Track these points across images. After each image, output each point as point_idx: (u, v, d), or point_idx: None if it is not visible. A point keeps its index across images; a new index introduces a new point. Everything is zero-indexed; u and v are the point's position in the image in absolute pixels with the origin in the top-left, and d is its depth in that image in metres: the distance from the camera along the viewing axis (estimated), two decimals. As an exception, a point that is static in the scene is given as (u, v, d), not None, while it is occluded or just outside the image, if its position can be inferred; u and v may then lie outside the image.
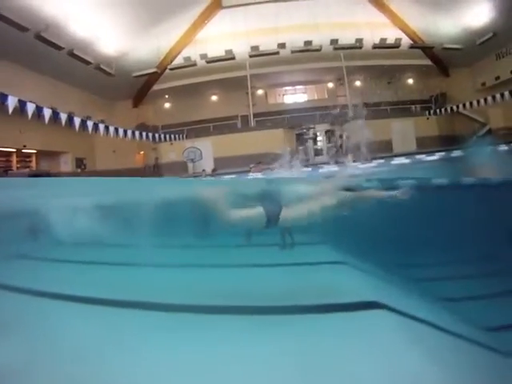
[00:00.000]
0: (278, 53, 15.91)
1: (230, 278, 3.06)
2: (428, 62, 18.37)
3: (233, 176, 11.24)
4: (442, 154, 11.83)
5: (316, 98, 19.16)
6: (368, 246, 3.94)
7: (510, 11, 14.72)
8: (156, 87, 17.62)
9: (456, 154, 11.05)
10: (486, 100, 14.77)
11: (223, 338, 1.97)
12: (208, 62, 15.75)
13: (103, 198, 3.77)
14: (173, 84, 17.21)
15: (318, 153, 16.47)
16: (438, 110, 17.64)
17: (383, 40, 16.53)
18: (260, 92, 18.88)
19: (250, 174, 10.97)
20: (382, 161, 7.15)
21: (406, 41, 17.07)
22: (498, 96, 14.10)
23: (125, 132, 13.59)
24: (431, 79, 19.04)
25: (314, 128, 16.19)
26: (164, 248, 3.58)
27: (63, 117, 10.81)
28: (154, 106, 18.19)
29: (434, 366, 1.72)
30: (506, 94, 13.76)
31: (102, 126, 12.63)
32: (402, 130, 17.04)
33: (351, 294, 2.46)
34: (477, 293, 3.27)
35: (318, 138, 16.84)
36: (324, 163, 15.23)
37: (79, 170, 16.13)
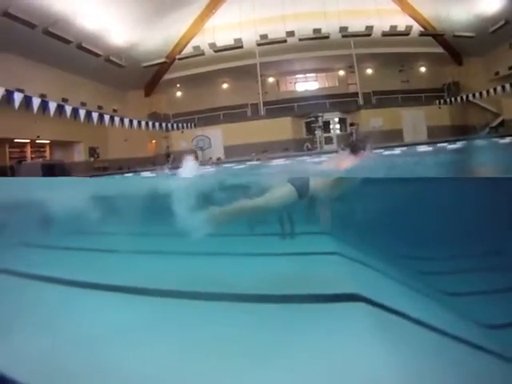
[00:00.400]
0: (285, 41, 15.90)
1: (218, 266, 3.07)
2: (440, 49, 18.04)
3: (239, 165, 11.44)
4: (444, 144, 11.79)
5: (327, 85, 19.06)
6: (367, 236, 3.96)
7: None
8: (167, 76, 17.84)
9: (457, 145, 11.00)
10: (495, 90, 14.53)
11: (201, 322, 2.01)
12: (216, 52, 15.86)
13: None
14: (184, 73, 17.40)
15: (328, 141, 16.48)
16: (450, 99, 17.41)
17: (393, 27, 16.29)
18: (271, 80, 18.89)
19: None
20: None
21: (416, 28, 16.80)
22: (507, 86, 13.82)
23: (138, 122, 13.96)
24: (444, 67, 18.73)
25: (322, 116, 16.17)
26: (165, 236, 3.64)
27: (70, 109, 10.98)
28: (166, 95, 18.44)
29: (399, 363, 1.60)
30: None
31: (115, 118, 12.98)
32: (413, 120, 16.88)
33: (333, 284, 2.39)
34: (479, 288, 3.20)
35: (330, 127, 16.83)
36: (333, 151, 15.39)
37: (92, 159, 16.54)
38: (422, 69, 19.27)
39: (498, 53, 17.83)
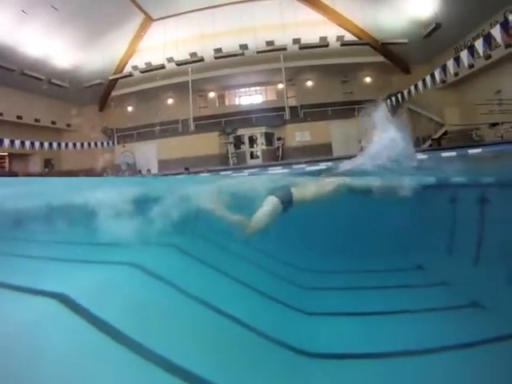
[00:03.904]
0: (218, 57, 16.44)
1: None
2: (383, 59, 17.34)
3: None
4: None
5: (267, 99, 19.19)
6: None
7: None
8: (118, 92, 19.17)
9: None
10: (416, 86, 13.71)
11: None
12: (150, 71, 16.85)
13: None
14: (130, 90, 18.65)
15: (253, 156, 16.74)
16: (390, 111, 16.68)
17: (323, 38, 16.04)
18: (212, 95, 19.48)
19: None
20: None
21: (349, 38, 16.37)
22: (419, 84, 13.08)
23: (81, 144, 15.90)
24: (391, 77, 17.91)
25: (235, 131, 16.52)
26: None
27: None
28: (117, 110, 19.84)
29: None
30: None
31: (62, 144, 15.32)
32: (344, 132, 16.46)
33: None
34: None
35: (256, 141, 17.04)
36: (258, 166, 15.69)
37: (47, 170, 18.47)
38: (368, 79, 18.56)
39: (443, 59, 16.69)
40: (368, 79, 18.55)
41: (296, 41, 16.00)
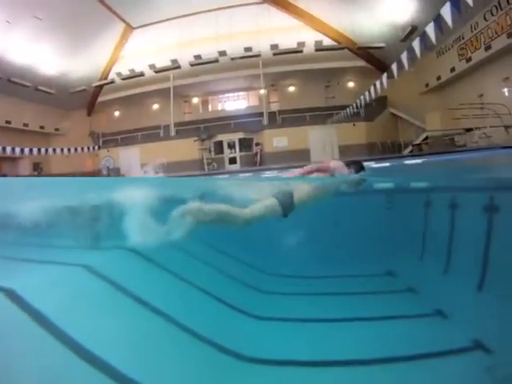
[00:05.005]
0: (194, 64, 16.63)
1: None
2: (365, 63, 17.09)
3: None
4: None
5: (250, 104, 19.19)
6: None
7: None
8: (104, 98, 19.63)
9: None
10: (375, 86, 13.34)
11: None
12: (131, 77, 17.20)
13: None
14: (115, 96, 19.08)
15: (232, 161, 16.75)
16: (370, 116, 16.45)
17: (301, 44, 15.96)
18: (195, 100, 19.65)
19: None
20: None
21: (328, 43, 16.21)
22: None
23: (68, 149, 16.44)
24: (374, 81, 17.55)
25: (225, 137, 16.62)
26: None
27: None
28: (104, 114, 20.29)
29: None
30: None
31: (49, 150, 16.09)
32: (322, 138, 16.27)
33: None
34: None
35: (235, 147, 17.05)
36: (237, 171, 15.69)
37: (36, 173, 19.07)
38: (351, 84, 18.30)
39: (426, 62, 16.30)
40: (351, 84, 18.28)
41: (274, 47, 15.98)
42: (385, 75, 9.60)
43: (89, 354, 1.79)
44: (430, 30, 7.55)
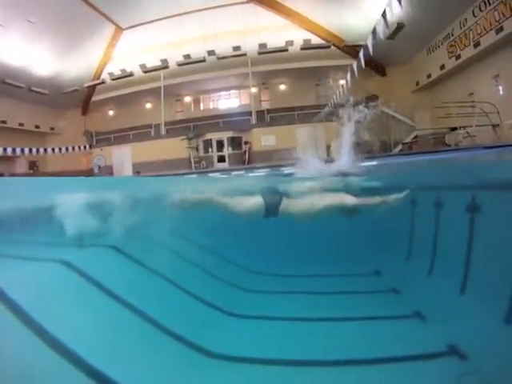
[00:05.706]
0: (182, 64, 16.72)
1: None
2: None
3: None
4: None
5: (241, 103, 19.19)
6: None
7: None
8: (97, 98, 19.89)
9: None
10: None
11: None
12: (121, 77, 17.39)
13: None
14: (108, 95, 19.31)
15: (220, 159, 16.81)
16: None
17: (289, 42, 15.87)
18: (188, 99, 19.75)
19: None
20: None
21: (317, 41, 16.09)
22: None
23: (59, 149, 16.74)
24: (368, 79, 17.38)
25: (214, 135, 16.68)
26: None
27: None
28: (98, 113, 20.57)
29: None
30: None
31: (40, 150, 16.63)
32: (311, 137, 16.15)
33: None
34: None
35: (223, 145, 17.09)
36: (225, 170, 15.74)
37: (32, 172, 19.48)
38: (342, 82, 18.06)
39: (418, 60, 16.12)
40: (342, 82, 18.05)
41: (262, 46, 15.94)
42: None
43: (60, 345, 1.83)
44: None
